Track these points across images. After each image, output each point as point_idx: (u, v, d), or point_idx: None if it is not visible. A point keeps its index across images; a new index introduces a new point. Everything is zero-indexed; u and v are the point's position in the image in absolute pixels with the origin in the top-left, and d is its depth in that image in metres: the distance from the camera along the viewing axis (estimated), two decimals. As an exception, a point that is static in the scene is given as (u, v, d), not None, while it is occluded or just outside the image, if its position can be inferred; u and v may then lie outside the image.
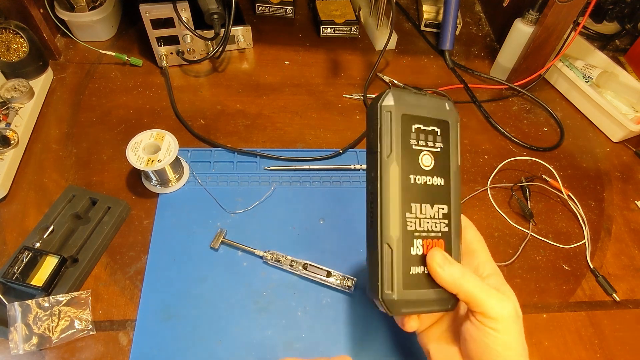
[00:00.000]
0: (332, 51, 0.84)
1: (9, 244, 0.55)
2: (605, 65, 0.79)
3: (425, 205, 0.32)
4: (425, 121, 0.32)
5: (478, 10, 0.98)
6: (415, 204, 0.32)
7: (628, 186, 0.69)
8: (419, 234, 0.32)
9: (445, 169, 0.33)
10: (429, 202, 0.32)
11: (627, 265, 0.60)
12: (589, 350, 0.52)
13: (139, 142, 0.57)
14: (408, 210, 0.32)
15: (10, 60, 0.66)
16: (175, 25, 0.71)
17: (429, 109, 0.32)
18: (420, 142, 0.32)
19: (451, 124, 0.33)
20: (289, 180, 0.64)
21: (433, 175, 0.32)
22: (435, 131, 0.32)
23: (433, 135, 0.32)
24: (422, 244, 0.32)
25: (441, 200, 0.33)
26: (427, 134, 0.32)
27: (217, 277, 0.54)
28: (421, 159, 0.32)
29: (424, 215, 0.32)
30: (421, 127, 0.32)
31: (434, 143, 0.32)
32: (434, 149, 0.32)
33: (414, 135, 0.32)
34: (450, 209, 0.33)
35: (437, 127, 0.32)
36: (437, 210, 0.32)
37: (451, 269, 0.31)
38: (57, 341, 0.47)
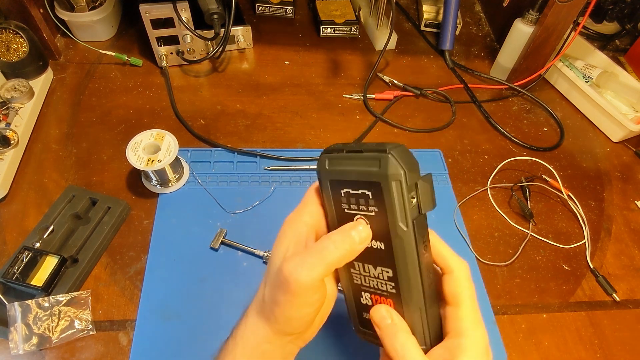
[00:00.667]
0: (332, 51, 0.84)
1: (9, 244, 0.55)
2: (605, 65, 0.79)
3: (368, 265, 0.31)
4: (353, 185, 0.29)
5: (478, 10, 0.98)
6: (358, 263, 0.31)
7: (628, 186, 0.69)
8: (365, 288, 0.32)
9: (384, 233, 0.29)
10: (370, 262, 0.30)
11: (627, 265, 0.60)
12: (589, 350, 0.52)
13: (139, 142, 0.57)
14: (352, 266, 0.31)
15: (10, 60, 0.66)
16: (175, 25, 0.71)
17: (358, 171, 0.29)
18: (352, 207, 0.30)
19: (385, 186, 0.27)
20: (289, 180, 0.64)
21: (372, 240, 0.30)
22: (365, 195, 0.29)
23: (364, 199, 0.29)
24: (370, 297, 0.31)
25: (384, 264, 0.30)
26: (357, 198, 0.29)
27: (217, 277, 0.54)
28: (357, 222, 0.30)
29: (368, 274, 0.31)
30: (350, 191, 0.30)
31: (366, 207, 0.29)
32: (367, 212, 0.29)
33: (345, 200, 0.30)
34: (396, 273, 0.29)
35: (366, 189, 0.28)
36: (381, 271, 0.30)
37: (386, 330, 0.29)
38: (57, 341, 0.47)
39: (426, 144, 0.71)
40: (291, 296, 0.27)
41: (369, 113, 0.74)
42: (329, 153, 0.31)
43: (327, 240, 0.28)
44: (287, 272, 0.27)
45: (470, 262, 0.57)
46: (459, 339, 0.28)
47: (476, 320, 0.29)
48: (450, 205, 0.63)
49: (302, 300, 0.28)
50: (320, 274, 0.27)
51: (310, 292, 0.27)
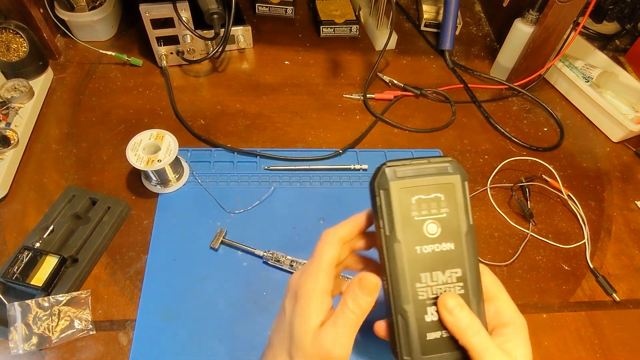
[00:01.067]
0: (332, 51, 0.84)
1: (9, 244, 0.55)
2: (605, 65, 0.79)
3: (436, 272, 0.32)
4: (425, 190, 0.31)
5: (478, 10, 0.98)
6: (425, 273, 0.31)
7: (628, 186, 0.69)
8: (431, 302, 0.32)
9: (454, 232, 0.32)
10: (439, 269, 0.32)
11: (627, 265, 0.60)
12: (589, 350, 0.52)
13: (139, 142, 0.57)
14: (417, 280, 0.31)
15: (10, 60, 0.66)
16: (175, 25, 0.71)
17: (429, 177, 0.31)
18: (423, 212, 0.31)
19: (455, 185, 0.32)
20: (289, 180, 0.64)
21: (441, 242, 0.32)
22: (438, 197, 0.31)
23: (436, 202, 0.31)
24: (436, 310, 0.32)
25: (453, 264, 0.32)
26: (429, 203, 0.31)
27: (217, 277, 0.54)
28: (426, 228, 0.32)
29: (435, 283, 0.32)
30: (422, 197, 0.31)
31: (438, 210, 0.32)
32: (439, 215, 0.32)
33: (415, 207, 0.31)
34: (465, 271, 0.32)
35: (439, 192, 0.32)
36: (450, 275, 0.32)
37: (460, 315, 0.31)
38: (57, 341, 0.47)
39: (426, 144, 0.71)
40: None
41: (369, 113, 0.74)
42: (392, 166, 0.32)
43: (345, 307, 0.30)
44: (328, 347, 0.29)
45: (470, 262, 0.58)
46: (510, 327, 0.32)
47: (517, 309, 0.33)
48: (450, 205, 0.63)
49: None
50: (351, 340, 0.30)
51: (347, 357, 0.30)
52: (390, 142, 0.71)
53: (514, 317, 0.32)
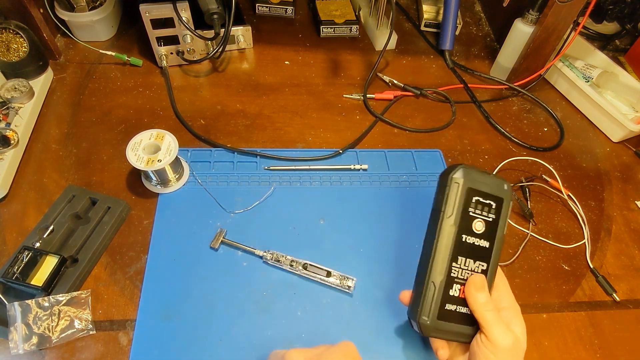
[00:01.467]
0: (332, 51, 0.84)
1: (9, 244, 0.55)
2: (605, 65, 0.79)
3: (469, 260, 0.40)
4: (484, 195, 0.40)
5: (478, 10, 0.98)
6: (462, 257, 0.40)
7: (628, 186, 0.69)
8: (459, 281, 0.40)
9: (492, 235, 0.40)
10: (472, 258, 0.40)
11: (627, 265, 0.60)
12: (589, 350, 0.52)
13: (139, 142, 0.57)
14: (455, 260, 0.40)
15: (10, 60, 0.66)
16: (175, 25, 0.71)
17: (490, 186, 0.40)
18: (477, 211, 0.40)
19: (505, 201, 0.40)
20: (289, 180, 0.64)
21: (481, 239, 0.40)
22: (490, 204, 0.40)
23: (488, 207, 0.40)
24: (459, 288, 0.40)
25: (483, 259, 0.41)
26: (483, 206, 0.40)
27: (217, 277, 0.54)
28: (475, 224, 0.40)
29: (467, 268, 0.40)
30: (480, 200, 0.40)
31: (487, 213, 0.40)
32: (487, 218, 0.40)
33: (473, 205, 0.40)
34: (488, 267, 0.41)
35: (493, 201, 0.40)
36: (478, 265, 0.40)
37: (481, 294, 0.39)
38: (57, 341, 0.47)
39: (426, 144, 0.71)
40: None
41: (369, 113, 0.74)
42: (467, 167, 0.40)
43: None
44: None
45: (470, 262, 0.58)
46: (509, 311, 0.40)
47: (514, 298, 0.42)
48: (450, 205, 0.63)
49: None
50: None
51: None
52: (390, 142, 0.71)
53: (512, 304, 0.41)
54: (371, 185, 0.64)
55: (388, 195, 0.64)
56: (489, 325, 0.38)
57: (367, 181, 0.65)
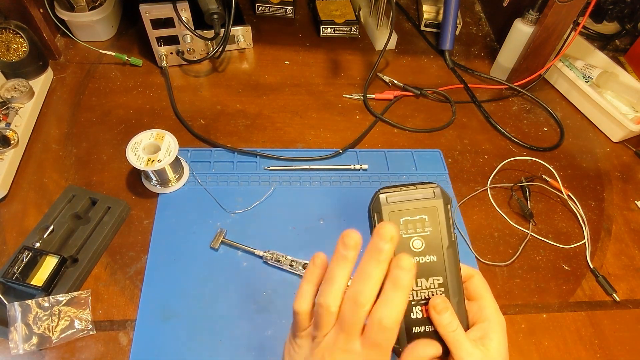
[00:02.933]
0: (332, 51, 0.84)
1: (9, 244, 0.55)
2: (605, 65, 0.79)
3: (421, 279, 0.37)
4: (411, 213, 0.37)
5: (478, 10, 0.98)
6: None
7: (628, 186, 0.69)
8: (417, 302, 0.38)
9: (437, 247, 0.37)
10: (423, 276, 0.37)
11: (627, 265, 0.60)
12: (589, 350, 0.52)
13: (139, 142, 0.57)
14: None
15: (10, 60, 0.66)
16: (175, 25, 0.71)
17: (415, 201, 0.37)
18: (410, 231, 0.37)
19: (438, 208, 0.37)
20: (289, 180, 0.64)
21: (425, 255, 0.37)
22: (423, 219, 0.37)
23: (421, 223, 0.37)
24: (421, 309, 0.38)
25: (436, 273, 0.37)
26: (415, 223, 0.37)
27: (217, 277, 0.54)
28: (412, 244, 0.37)
29: (420, 287, 0.37)
30: (408, 219, 0.37)
31: (422, 229, 0.37)
32: (423, 233, 0.37)
33: (403, 227, 0.37)
34: (445, 278, 0.37)
35: (424, 214, 0.37)
36: (432, 281, 0.37)
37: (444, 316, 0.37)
38: (57, 341, 0.47)
39: (426, 144, 0.71)
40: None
41: (369, 113, 0.74)
42: (384, 192, 0.37)
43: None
44: None
45: (470, 262, 0.58)
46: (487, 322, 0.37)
47: (497, 308, 0.38)
48: (450, 205, 0.63)
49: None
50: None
51: None
52: (390, 142, 0.71)
53: (493, 315, 0.38)
54: (371, 185, 0.64)
55: (388, 195, 0.63)
56: (453, 346, 0.36)
57: (367, 181, 0.65)
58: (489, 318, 0.38)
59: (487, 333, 0.37)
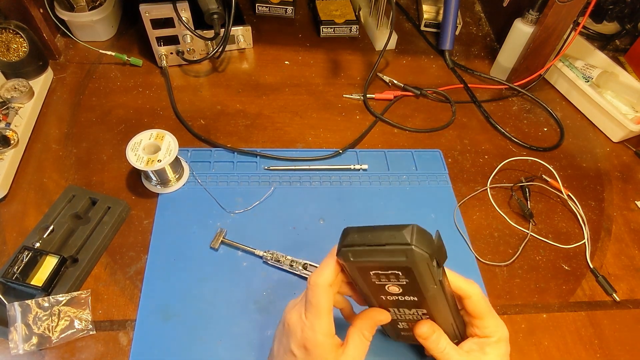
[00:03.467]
0: (332, 51, 0.84)
1: (9, 244, 0.55)
2: (605, 65, 0.79)
3: (403, 309, 0.36)
4: (381, 268, 0.31)
5: (478, 10, 0.98)
6: (393, 309, 0.37)
7: (628, 186, 0.69)
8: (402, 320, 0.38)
9: (416, 291, 0.32)
10: (405, 307, 0.35)
11: (627, 265, 0.60)
12: (589, 350, 0.52)
13: (138, 142, 0.57)
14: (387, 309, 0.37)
15: (10, 60, 0.66)
16: (175, 25, 0.71)
17: (387, 262, 0.30)
18: (383, 280, 0.32)
19: (415, 269, 0.30)
20: (289, 180, 0.64)
21: (404, 296, 0.33)
22: (396, 273, 0.31)
23: (395, 276, 0.31)
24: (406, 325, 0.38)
25: (418, 307, 0.35)
26: (387, 276, 0.31)
27: (217, 277, 0.54)
28: (387, 288, 0.33)
29: (403, 314, 0.37)
30: (379, 272, 0.31)
31: (397, 280, 0.31)
32: (398, 283, 0.32)
33: (374, 276, 0.32)
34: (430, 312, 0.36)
35: (397, 271, 0.30)
36: (416, 311, 0.36)
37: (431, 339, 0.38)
38: (57, 341, 0.47)
39: (426, 144, 0.71)
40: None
41: (369, 113, 0.74)
42: (349, 246, 0.32)
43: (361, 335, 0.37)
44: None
45: (470, 262, 0.58)
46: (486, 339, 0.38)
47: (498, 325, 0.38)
48: (450, 206, 0.63)
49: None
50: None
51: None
52: (390, 142, 0.71)
53: (494, 332, 0.38)
54: (371, 185, 0.64)
55: (388, 195, 0.64)
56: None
57: (367, 181, 0.65)
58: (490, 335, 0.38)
59: (483, 347, 0.38)
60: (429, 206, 0.63)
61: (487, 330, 0.38)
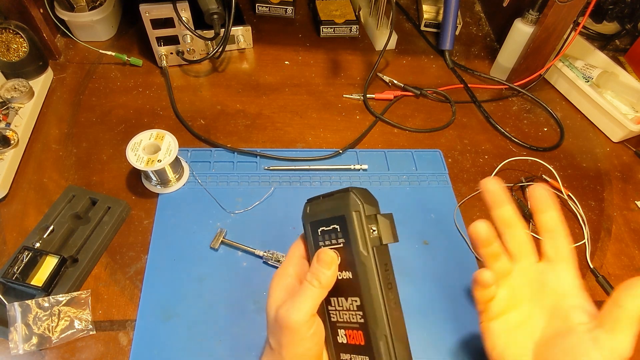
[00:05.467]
0: (332, 51, 0.84)
1: (9, 244, 0.55)
2: (605, 65, 0.79)
3: (340, 298, 0.34)
4: (326, 222, 0.34)
5: (478, 10, 0.98)
6: (333, 298, 0.35)
7: (628, 186, 0.69)
8: (341, 325, 0.35)
9: (350, 262, 0.33)
10: (342, 295, 0.34)
11: (627, 265, 0.60)
12: (589, 350, 0.52)
13: (138, 142, 0.57)
14: (329, 303, 0.35)
15: (10, 60, 0.66)
16: (175, 25, 0.71)
17: (329, 210, 0.34)
18: (327, 242, 0.34)
19: (347, 216, 0.32)
20: (289, 180, 0.64)
21: (341, 270, 0.33)
22: (335, 229, 0.33)
23: (335, 233, 0.33)
24: (345, 333, 0.34)
25: (352, 293, 0.33)
26: (330, 233, 0.34)
27: (217, 277, 0.54)
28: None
29: (341, 307, 0.34)
30: (324, 229, 0.34)
31: (336, 240, 0.33)
32: (337, 245, 0.33)
33: (321, 237, 0.34)
34: (362, 301, 0.32)
35: (336, 224, 0.33)
36: (351, 302, 0.33)
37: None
38: (57, 341, 0.47)
39: (426, 144, 0.71)
40: (291, 335, 0.32)
41: (369, 113, 0.74)
42: (310, 202, 0.36)
43: (305, 281, 0.33)
44: (282, 316, 0.32)
45: (470, 262, 0.58)
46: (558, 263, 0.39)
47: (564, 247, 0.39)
48: (450, 205, 0.63)
49: (302, 336, 0.32)
50: (308, 308, 0.32)
51: (305, 327, 0.32)
52: (390, 142, 0.71)
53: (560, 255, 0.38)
54: (371, 185, 0.64)
55: (388, 195, 0.64)
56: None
57: (367, 181, 0.65)
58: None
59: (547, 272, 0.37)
60: (429, 206, 0.63)
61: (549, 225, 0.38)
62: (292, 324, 0.31)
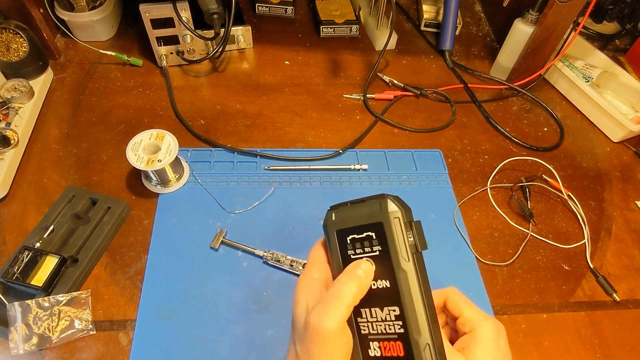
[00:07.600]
0: (332, 51, 0.84)
1: (9, 244, 0.55)
2: (605, 65, 0.79)
3: (375, 309, 0.32)
4: (357, 230, 0.33)
5: (478, 10, 0.98)
6: (365, 309, 0.33)
7: (628, 186, 0.69)
8: (373, 337, 0.33)
9: (388, 270, 0.32)
10: (377, 305, 0.32)
11: (627, 265, 0.60)
12: (589, 350, 0.52)
13: (139, 142, 0.57)
14: (359, 315, 0.33)
15: (10, 60, 0.66)
16: (175, 25, 0.71)
17: (361, 217, 0.33)
18: (358, 251, 0.33)
19: (385, 223, 0.31)
20: (289, 180, 0.64)
21: (376, 279, 0.32)
22: (370, 236, 0.32)
23: (369, 241, 0.32)
24: (378, 346, 0.33)
25: (390, 303, 0.32)
26: (362, 241, 0.32)
27: (217, 277, 0.54)
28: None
29: (375, 319, 0.32)
30: (355, 237, 0.33)
31: (371, 248, 0.32)
32: (372, 253, 0.32)
33: (350, 246, 0.33)
34: (402, 308, 0.31)
35: (370, 231, 0.32)
36: (388, 312, 0.32)
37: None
38: (57, 341, 0.47)
39: (426, 144, 0.71)
40: (322, 344, 0.30)
41: (369, 113, 0.74)
42: (335, 209, 0.34)
43: (338, 283, 0.31)
44: (314, 322, 0.30)
45: (470, 262, 0.58)
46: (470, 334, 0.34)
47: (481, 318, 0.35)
48: (450, 206, 0.63)
49: (333, 346, 0.30)
50: (342, 315, 0.30)
51: (337, 336, 0.30)
52: (390, 142, 0.71)
53: (476, 326, 0.35)
54: (371, 185, 0.64)
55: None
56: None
57: (367, 181, 0.65)
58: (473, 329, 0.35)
59: (467, 344, 0.35)
60: (429, 206, 0.63)
61: (469, 325, 0.35)
62: (324, 331, 0.29)
